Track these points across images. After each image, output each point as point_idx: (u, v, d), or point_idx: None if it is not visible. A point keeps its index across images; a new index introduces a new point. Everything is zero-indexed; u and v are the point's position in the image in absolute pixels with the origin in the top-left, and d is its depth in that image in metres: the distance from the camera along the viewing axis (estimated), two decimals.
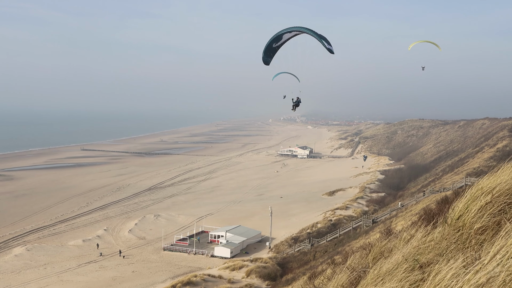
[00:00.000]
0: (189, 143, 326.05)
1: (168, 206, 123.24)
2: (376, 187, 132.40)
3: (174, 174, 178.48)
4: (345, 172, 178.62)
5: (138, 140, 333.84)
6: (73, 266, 78.26)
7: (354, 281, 8.13)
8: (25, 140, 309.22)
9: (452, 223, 6.93)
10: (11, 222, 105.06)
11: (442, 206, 11.53)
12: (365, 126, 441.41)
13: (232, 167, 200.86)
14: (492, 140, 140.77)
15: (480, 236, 6.33)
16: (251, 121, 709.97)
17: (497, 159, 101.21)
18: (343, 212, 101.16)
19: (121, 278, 73.05)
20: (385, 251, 9.46)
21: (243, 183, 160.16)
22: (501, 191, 6.69)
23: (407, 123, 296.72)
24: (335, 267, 11.39)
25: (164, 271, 76.03)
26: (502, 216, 6.38)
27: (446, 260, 5.91)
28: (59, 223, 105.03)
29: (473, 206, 6.72)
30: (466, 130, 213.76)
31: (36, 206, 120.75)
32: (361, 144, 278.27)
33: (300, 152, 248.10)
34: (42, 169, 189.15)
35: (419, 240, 7.42)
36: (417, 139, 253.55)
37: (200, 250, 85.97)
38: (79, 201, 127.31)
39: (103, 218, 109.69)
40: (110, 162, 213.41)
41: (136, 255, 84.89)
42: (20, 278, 72.46)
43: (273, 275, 67.44)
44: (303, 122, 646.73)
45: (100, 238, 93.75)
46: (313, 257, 71.22)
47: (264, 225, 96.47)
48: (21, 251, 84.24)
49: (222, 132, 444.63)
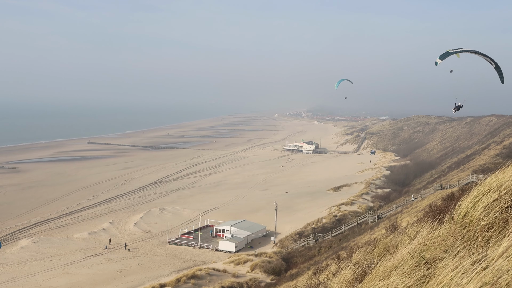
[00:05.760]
0: (195, 137, 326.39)
1: (173, 200, 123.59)
2: (382, 183, 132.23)
3: (180, 168, 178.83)
4: (350, 167, 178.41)
5: (144, 134, 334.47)
6: (79, 258, 78.73)
7: (359, 277, 8.13)
8: (31, 133, 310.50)
9: (459, 220, 6.91)
10: (18, 214, 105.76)
11: (448, 203, 11.50)
12: (371, 122, 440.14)
13: (238, 162, 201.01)
14: (499, 137, 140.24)
15: (486, 233, 6.31)
16: (257, 115, 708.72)
17: (503, 156, 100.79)
18: (348, 208, 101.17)
19: (126, 271, 73.45)
20: (391, 247, 9.46)
21: (248, 177, 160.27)
22: (508, 188, 6.66)
23: (413, 119, 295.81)
24: (340, 263, 11.40)
25: (169, 265, 76.37)
26: (509, 213, 6.37)
27: (452, 256, 5.91)
28: (65, 216, 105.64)
29: (480, 203, 6.70)
30: (473, 126, 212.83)
31: (42, 198, 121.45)
32: (367, 140, 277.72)
33: (305, 147, 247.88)
34: (49, 162, 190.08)
35: (425, 236, 7.41)
36: (423, 136, 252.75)
37: (205, 244, 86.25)
38: (85, 194, 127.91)
39: (109, 211, 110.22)
40: (116, 155, 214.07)
41: (141, 248, 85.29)
42: (26, 270, 72.98)
43: (277, 269, 67.63)
44: (309, 117, 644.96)
45: (106, 231, 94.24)
46: (318, 252, 71.31)
47: (269, 219, 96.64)
48: (27, 243, 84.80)
49: (227, 127, 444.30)
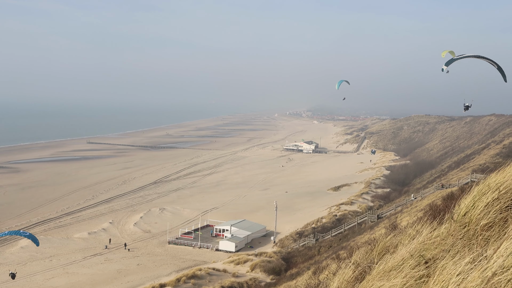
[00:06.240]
0: (195, 137, 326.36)
1: (173, 200, 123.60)
2: (382, 182, 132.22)
3: (180, 168, 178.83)
4: (350, 167, 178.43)
5: (144, 134, 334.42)
6: (79, 258, 78.76)
7: (359, 276, 8.13)
8: (31, 133, 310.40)
9: (459, 219, 6.91)
10: (18, 214, 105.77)
11: (448, 202, 11.49)
12: (371, 121, 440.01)
13: (237, 162, 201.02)
14: (498, 136, 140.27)
15: (486, 232, 6.31)
16: (256, 115, 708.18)
17: (503, 155, 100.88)
18: (348, 207, 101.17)
19: (126, 271, 73.47)
20: (390, 247, 9.45)
21: (248, 177, 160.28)
22: (508, 187, 6.66)
23: (413, 118, 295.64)
24: (340, 262, 11.38)
25: (169, 265, 76.39)
26: (509, 213, 6.36)
27: (452, 256, 5.90)
28: (65, 216, 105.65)
29: (480, 202, 6.69)
30: (473, 126, 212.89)
31: (42, 198, 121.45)
32: (366, 140, 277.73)
33: (305, 147, 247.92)
34: (49, 161, 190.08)
35: (424, 236, 7.40)
36: (423, 135, 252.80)
37: (205, 244, 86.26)
38: (84, 194, 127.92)
39: (109, 211, 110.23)
40: (116, 155, 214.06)
41: (141, 248, 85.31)
42: (26, 270, 73.00)
43: (277, 269, 67.64)
44: (309, 117, 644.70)
45: (106, 231, 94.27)
46: (318, 252, 71.34)
47: (269, 219, 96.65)
48: (27, 243, 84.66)
49: (227, 126, 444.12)
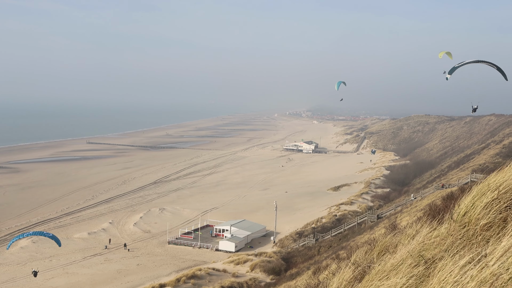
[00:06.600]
0: (195, 137, 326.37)
1: (173, 200, 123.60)
2: (381, 182, 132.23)
3: (180, 168, 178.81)
4: (350, 167, 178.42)
5: (144, 134, 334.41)
6: (79, 258, 78.75)
7: (358, 276, 8.12)
8: (31, 133, 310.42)
9: (458, 219, 6.90)
10: (17, 214, 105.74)
11: (448, 202, 11.49)
12: (370, 121, 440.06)
13: (237, 162, 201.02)
14: (498, 136, 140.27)
15: (486, 232, 6.31)
16: (256, 115, 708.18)
17: (503, 155, 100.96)
18: (348, 207, 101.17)
19: (126, 271, 73.46)
20: (390, 247, 9.45)
21: (248, 177, 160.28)
22: (508, 187, 6.65)
23: (413, 118, 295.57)
24: (340, 262, 11.40)
25: (168, 265, 76.37)
26: (508, 213, 6.36)
27: (451, 256, 5.90)
28: (65, 216, 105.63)
29: (479, 202, 6.69)
30: (473, 126, 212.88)
31: (42, 198, 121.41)
32: (366, 140, 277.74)
33: (305, 147, 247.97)
34: (48, 162, 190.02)
35: (424, 235, 7.40)
36: (423, 135, 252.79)
37: (205, 244, 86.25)
38: (84, 194, 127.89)
39: (109, 211, 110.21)
40: (115, 155, 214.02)
41: (141, 248, 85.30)
42: (26, 270, 72.84)
43: (277, 269, 67.64)
44: (309, 117, 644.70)
45: (106, 231, 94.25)
46: (318, 252, 71.35)
47: (269, 219, 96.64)
48: (26, 243, 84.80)
49: (227, 127, 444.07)
